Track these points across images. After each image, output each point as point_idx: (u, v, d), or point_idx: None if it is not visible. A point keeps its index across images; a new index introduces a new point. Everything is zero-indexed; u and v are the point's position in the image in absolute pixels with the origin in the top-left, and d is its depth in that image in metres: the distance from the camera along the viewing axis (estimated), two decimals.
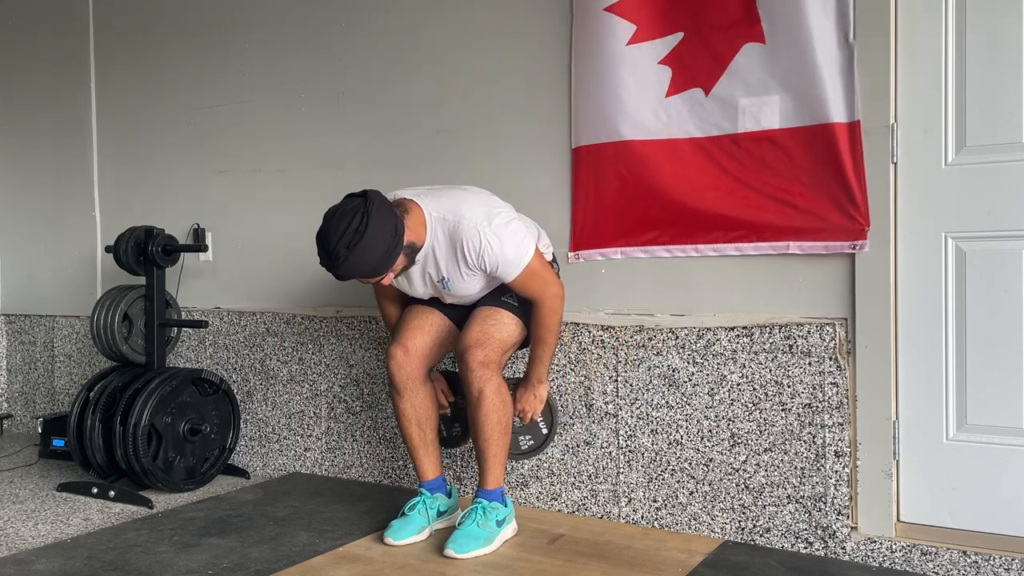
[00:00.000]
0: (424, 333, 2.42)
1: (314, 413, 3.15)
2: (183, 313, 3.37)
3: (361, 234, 2.04)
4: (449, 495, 2.52)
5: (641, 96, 2.51)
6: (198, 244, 3.30)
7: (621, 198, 2.57)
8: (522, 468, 2.74)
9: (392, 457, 3.00)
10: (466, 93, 2.86)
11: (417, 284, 2.35)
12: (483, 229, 2.19)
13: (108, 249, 3.17)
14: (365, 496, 2.84)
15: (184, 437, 2.99)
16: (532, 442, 2.57)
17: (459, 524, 2.31)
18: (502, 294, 2.37)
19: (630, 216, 2.57)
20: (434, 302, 2.47)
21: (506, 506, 2.39)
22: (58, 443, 3.41)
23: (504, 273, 2.24)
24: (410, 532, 2.36)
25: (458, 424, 2.63)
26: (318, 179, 3.15)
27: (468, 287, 2.32)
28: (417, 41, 2.95)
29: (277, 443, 3.24)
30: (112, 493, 2.90)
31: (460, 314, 2.44)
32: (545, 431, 2.55)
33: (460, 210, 2.21)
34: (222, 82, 3.39)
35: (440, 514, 2.46)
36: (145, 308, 3.14)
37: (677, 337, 2.50)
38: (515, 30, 2.76)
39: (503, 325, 2.33)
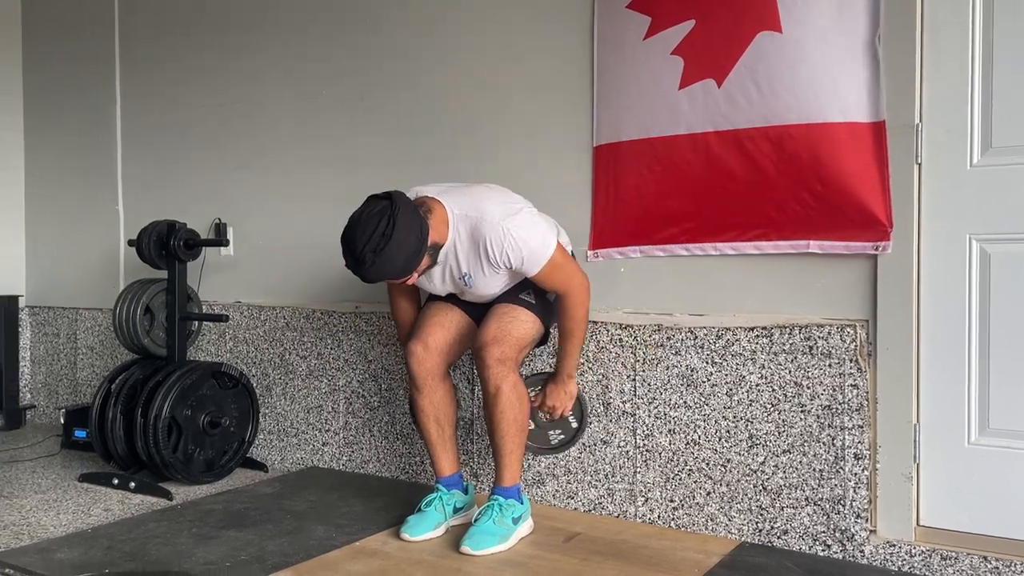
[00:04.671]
0: (444, 329, 2.43)
1: (332, 408, 3.17)
2: (204, 307, 3.40)
3: (388, 238, 2.05)
4: (466, 491, 2.53)
5: (656, 90, 2.50)
6: (219, 239, 3.32)
7: (640, 196, 2.57)
8: (538, 466, 2.74)
9: (409, 453, 3.01)
10: (488, 91, 2.86)
11: (438, 281, 2.36)
12: (505, 225, 2.19)
13: (131, 243, 3.20)
14: (382, 491, 2.85)
15: (204, 430, 3.02)
16: (562, 436, 2.56)
17: (475, 521, 2.32)
18: (520, 291, 2.37)
19: (649, 214, 2.56)
20: (453, 299, 2.47)
21: (522, 503, 2.39)
22: (80, 434, 3.45)
23: (528, 267, 2.24)
24: (426, 528, 2.37)
25: None
26: (339, 176, 3.16)
27: (490, 284, 2.32)
28: (439, 40, 2.96)
29: (295, 437, 3.26)
30: (132, 484, 2.93)
31: (479, 311, 2.44)
32: (575, 425, 2.55)
33: (481, 207, 2.22)
34: (245, 80, 3.41)
35: (456, 510, 2.47)
36: (167, 302, 3.17)
37: (696, 337, 2.49)
38: (537, 29, 2.76)
39: (520, 323, 2.33)
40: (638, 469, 2.58)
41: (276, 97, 3.33)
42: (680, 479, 2.51)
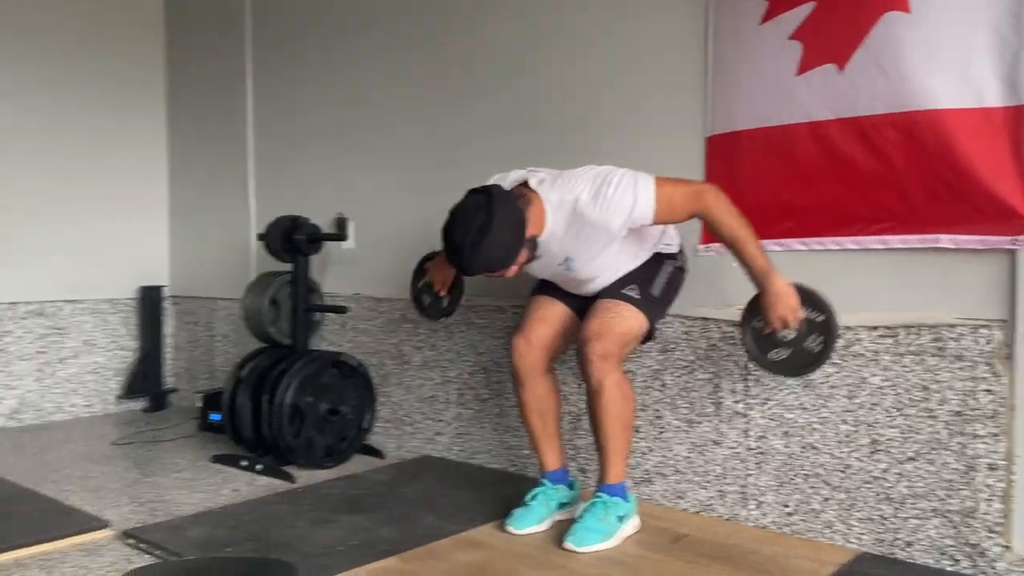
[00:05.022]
0: (546, 324, 2.43)
1: (444, 399, 3.24)
2: (326, 298, 3.54)
3: (485, 232, 2.07)
4: (571, 487, 2.52)
5: (773, 77, 2.40)
6: (339, 233, 3.44)
7: (754, 188, 2.47)
8: (647, 463, 2.69)
9: (518, 445, 3.02)
10: (596, 84, 2.83)
11: (539, 267, 2.36)
12: (599, 198, 2.16)
13: (260, 237, 3.37)
14: (491, 482, 2.89)
15: (324, 417, 3.14)
16: (821, 338, 2.15)
17: (579, 518, 2.31)
18: (623, 286, 2.34)
19: (764, 207, 2.45)
20: (557, 292, 2.47)
21: (628, 501, 2.36)
22: (215, 417, 3.66)
23: (642, 217, 2.17)
24: (531, 522, 2.38)
25: (428, 297, 2.86)
26: (450, 170, 3.20)
27: (592, 267, 2.29)
28: (547, 32, 2.94)
29: (410, 426, 3.35)
30: (259, 467, 3.09)
31: (582, 304, 2.42)
32: (821, 318, 2.15)
33: (574, 190, 2.20)
34: (363, 80, 3.51)
35: (561, 505, 2.46)
36: (291, 293, 3.31)
37: None
38: (648, 17, 2.70)
39: (623, 319, 2.29)
40: (750, 471, 2.49)
41: (392, 94, 3.41)
42: (795, 484, 2.41)
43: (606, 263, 2.31)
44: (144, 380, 4.27)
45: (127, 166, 4.29)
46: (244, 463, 3.14)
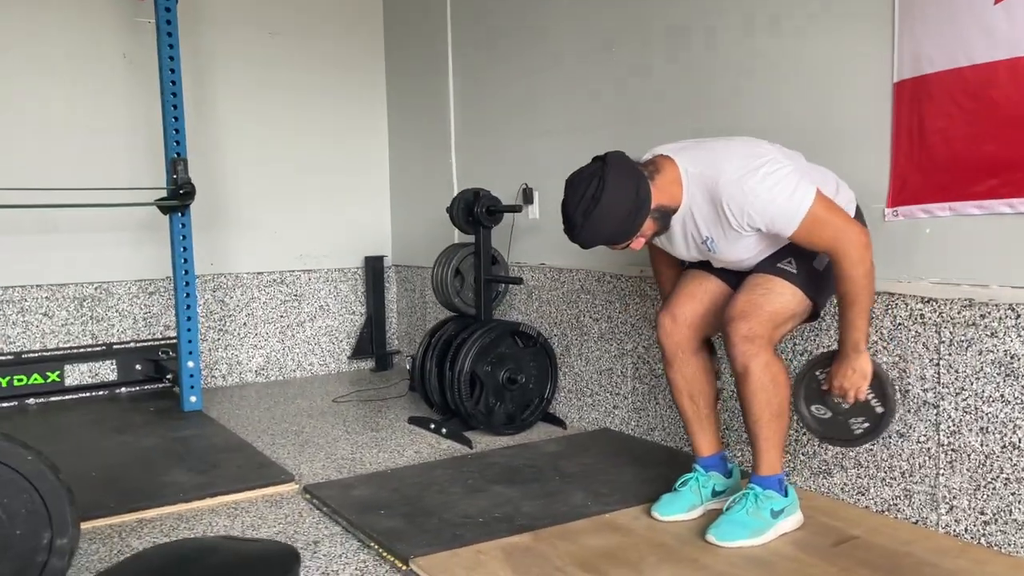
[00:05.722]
0: (695, 301, 2.26)
1: (621, 372, 3.15)
2: (513, 269, 3.59)
3: (596, 201, 1.96)
4: (729, 475, 2.35)
5: (967, 7, 2.00)
6: (516, 205, 3.45)
7: (950, 141, 2.10)
8: (824, 454, 2.43)
9: None
10: (770, 31, 2.55)
11: (680, 246, 2.19)
12: (745, 184, 1.95)
13: (447, 210, 3.48)
14: (662, 461, 2.78)
15: (503, 385, 3.20)
16: (867, 424, 2.15)
17: (726, 509, 2.15)
18: (779, 259, 2.10)
19: (960, 163, 2.08)
20: (709, 266, 2.28)
21: (785, 496, 2.15)
22: None
23: (781, 227, 1.97)
24: (678, 509, 2.26)
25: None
26: (627, 134, 3.07)
27: (735, 250, 2.09)
28: None
29: (590, 397, 3.31)
30: (444, 431, 3.23)
31: (738, 279, 2.21)
32: (880, 410, 2.13)
33: (719, 164, 1.99)
34: (546, 54, 3.46)
35: (716, 494, 2.31)
36: (473, 264, 3.40)
37: (1019, 315, 1.98)
38: None
39: (775, 295, 2.06)
40: (941, 471, 2.16)
41: (572, 63, 3.34)
42: (994, 488, 2.05)
43: (754, 246, 2.09)
44: (370, 342, 4.63)
45: (354, 150, 4.63)
46: (432, 426, 3.30)
